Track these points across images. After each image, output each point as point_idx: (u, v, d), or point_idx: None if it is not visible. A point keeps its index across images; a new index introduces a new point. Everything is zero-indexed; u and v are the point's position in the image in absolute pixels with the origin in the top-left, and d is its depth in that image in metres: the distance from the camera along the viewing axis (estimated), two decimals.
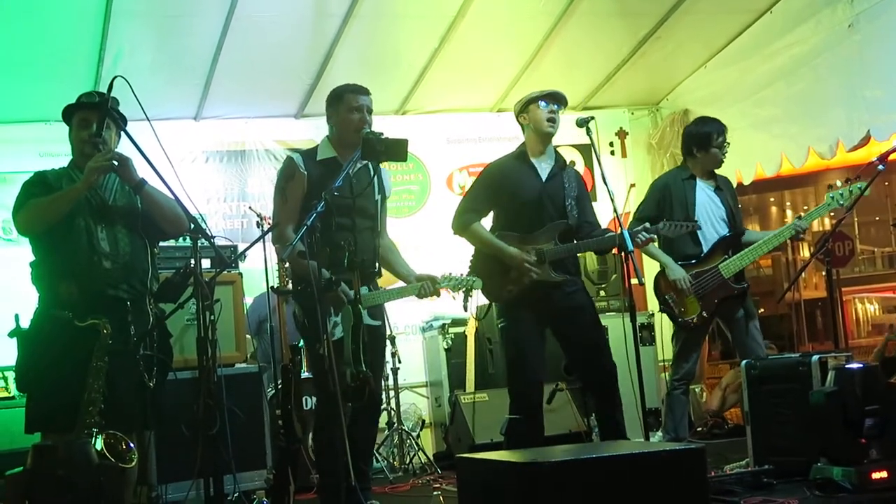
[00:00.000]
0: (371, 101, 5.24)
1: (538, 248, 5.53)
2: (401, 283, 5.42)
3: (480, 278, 5.43)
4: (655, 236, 5.68)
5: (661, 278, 6.38)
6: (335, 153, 5.19)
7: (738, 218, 6.52)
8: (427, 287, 5.18)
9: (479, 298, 7.12)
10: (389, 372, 7.50)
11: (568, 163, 5.85)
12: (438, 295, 5.32)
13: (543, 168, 5.68)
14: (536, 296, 5.52)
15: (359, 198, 5.10)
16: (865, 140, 7.09)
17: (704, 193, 6.46)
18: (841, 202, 6.09)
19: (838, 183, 6.18)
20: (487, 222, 5.83)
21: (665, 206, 6.41)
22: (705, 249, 6.36)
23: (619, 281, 8.18)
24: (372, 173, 5.20)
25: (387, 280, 5.56)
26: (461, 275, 5.36)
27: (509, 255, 5.52)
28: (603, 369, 5.54)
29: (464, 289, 5.30)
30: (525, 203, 5.63)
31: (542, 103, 5.67)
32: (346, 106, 5.18)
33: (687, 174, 6.55)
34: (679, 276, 6.23)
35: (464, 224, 5.70)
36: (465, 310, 5.54)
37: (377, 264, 5.29)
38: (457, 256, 6.07)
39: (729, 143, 6.57)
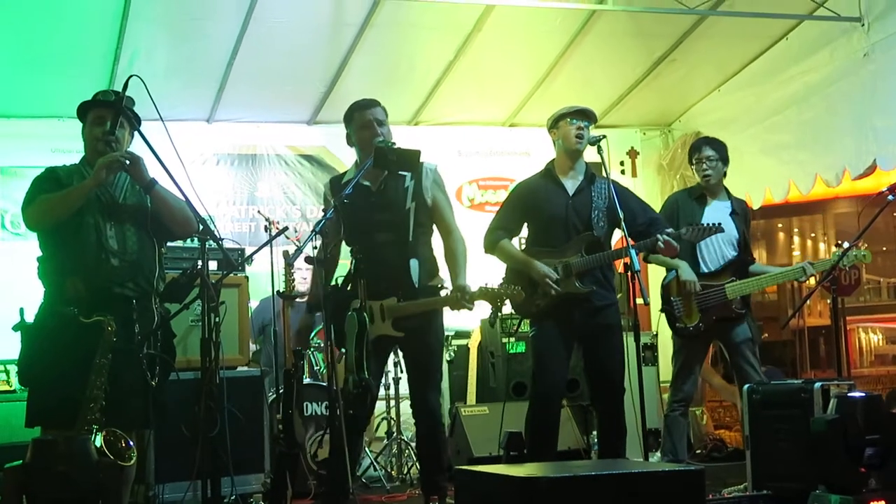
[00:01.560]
0: (381, 110, 5.24)
1: (565, 262, 5.58)
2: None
3: (510, 299, 5.42)
4: (676, 243, 5.66)
5: (674, 281, 6.42)
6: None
7: (748, 244, 6.54)
8: (458, 298, 5.07)
9: (482, 311, 7.13)
10: (391, 381, 7.50)
11: (601, 174, 5.79)
12: (471, 308, 5.20)
13: (570, 184, 5.74)
14: (564, 309, 5.58)
15: (381, 212, 5.11)
16: (871, 169, 7.11)
17: (715, 213, 6.44)
18: (844, 264, 6.13)
19: (846, 244, 6.16)
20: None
21: (673, 221, 6.40)
22: (703, 269, 6.40)
23: (625, 300, 8.15)
24: (406, 182, 5.19)
25: None
26: (498, 286, 5.25)
27: (535, 269, 5.56)
28: (611, 396, 5.60)
29: (500, 301, 5.19)
30: (552, 219, 5.70)
31: (572, 120, 5.70)
32: (357, 124, 5.21)
33: (697, 193, 6.60)
34: (691, 279, 6.25)
35: (493, 242, 5.77)
36: (492, 325, 5.51)
37: (415, 274, 5.16)
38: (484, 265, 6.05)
39: (712, 160, 6.51)
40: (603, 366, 5.63)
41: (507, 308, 5.58)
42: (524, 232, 5.97)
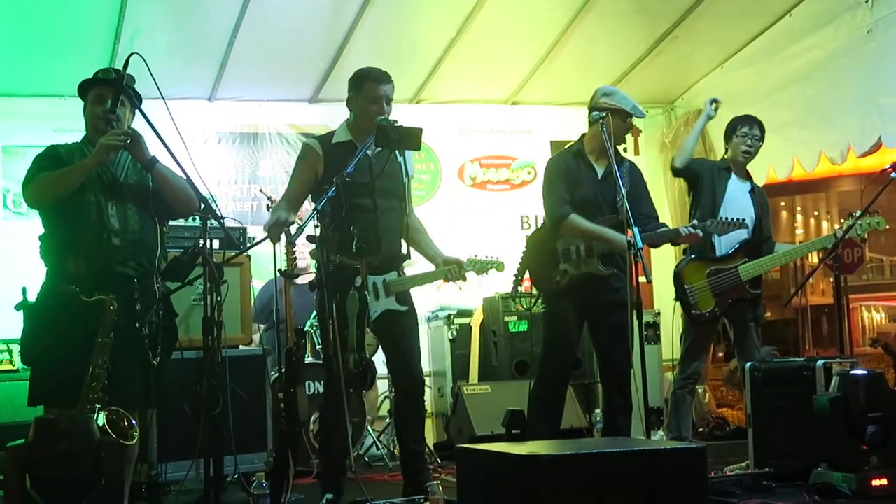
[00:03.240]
0: (392, 88, 5.22)
1: (587, 244, 5.64)
2: (427, 267, 5.43)
3: (530, 269, 5.69)
4: (701, 233, 5.76)
5: (685, 269, 6.40)
6: (351, 137, 5.20)
7: (764, 226, 6.50)
8: (454, 271, 5.19)
9: (485, 290, 7.14)
10: None
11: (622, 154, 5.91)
12: (465, 279, 5.33)
13: (600, 165, 5.79)
14: (583, 288, 5.64)
15: (381, 179, 5.12)
16: (876, 146, 7.09)
17: (738, 189, 6.49)
18: (859, 233, 6.12)
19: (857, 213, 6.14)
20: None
21: (696, 182, 6.51)
22: (717, 249, 6.38)
23: (627, 278, 8.16)
24: (399, 155, 5.22)
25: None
26: (487, 257, 5.39)
27: (616, 239, 5.54)
28: (617, 370, 5.66)
29: (487, 272, 5.35)
30: (582, 200, 5.73)
31: (623, 121, 5.72)
32: (366, 94, 5.17)
33: (725, 165, 6.60)
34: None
35: (563, 215, 5.69)
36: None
37: (406, 247, 5.29)
38: (466, 246, 6.10)
39: (757, 140, 6.53)
40: (609, 336, 5.67)
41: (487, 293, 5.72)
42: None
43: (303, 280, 6.24)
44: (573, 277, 5.62)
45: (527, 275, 5.99)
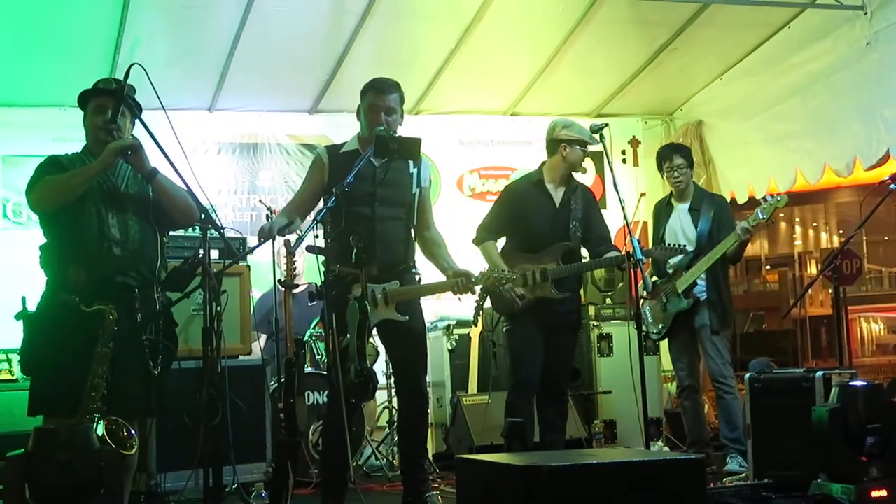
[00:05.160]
0: (397, 99, 5.26)
1: (543, 268, 5.88)
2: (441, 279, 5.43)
3: (490, 295, 5.87)
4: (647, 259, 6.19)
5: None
6: (358, 146, 5.23)
7: (720, 235, 6.52)
8: (462, 283, 5.19)
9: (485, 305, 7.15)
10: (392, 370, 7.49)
11: (580, 181, 6.27)
12: (474, 292, 5.41)
13: (558, 194, 6.06)
14: (539, 310, 5.89)
15: (382, 187, 5.14)
16: (884, 159, 7.06)
17: (677, 217, 6.76)
18: (762, 216, 6.27)
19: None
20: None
21: (656, 227, 6.90)
22: (670, 269, 6.64)
23: (626, 289, 8.18)
24: (412, 166, 5.27)
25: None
26: (500, 271, 5.37)
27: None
28: (557, 389, 6.05)
29: (499, 285, 5.36)
30: (536, 228, 6.03)
31: (583, 150, 6.02)
32: (367, 105, 5.23)
33: (666, 200, 6.91)
34: (647, 284, 6.12)
35: (479, 240, 6.13)
36: (475, 323, 6.47)
37: (412, 258, 5.33)
38: (464, 258, 6.10)
39: (681, 168, 6.70)
40: (556, 358, 5.98)
41: (487, 304, 6.09)
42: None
43: (303, 289, 6.25)
44: (529, 301, 5.83)
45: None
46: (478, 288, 5.44)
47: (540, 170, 6.12)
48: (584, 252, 6.16)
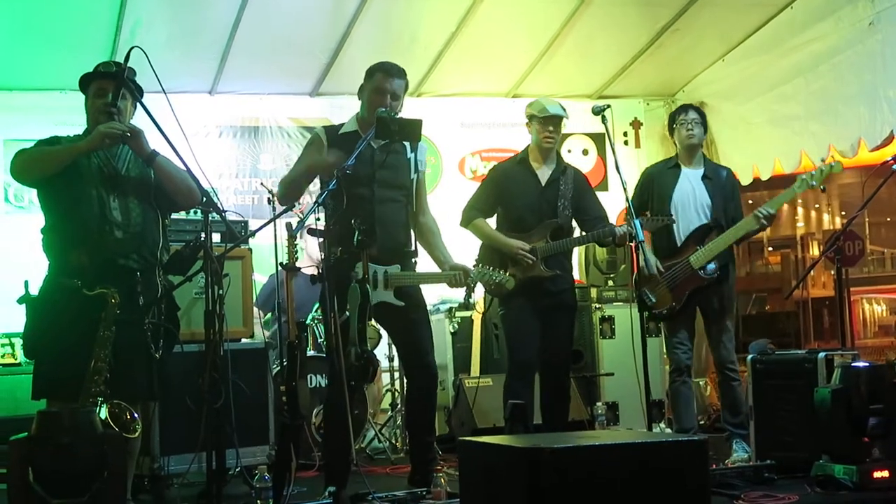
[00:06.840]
0: (403, 85, 5.25)
1: (532, 246, 5.92)
2: (435, 268, 5.46)
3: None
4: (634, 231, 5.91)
5: (639, 273, 6.35)
6: (357, 128, 5.22)
7: (728, 209, 6.45)
8: (458, 277, 5.23)
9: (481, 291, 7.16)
10: (395, 353, 7.50)
11: (570, 164, 6.31)
12: (469, 287, 5.38)
13: (544, 173, 6.10)
14: (530, 289, 5.89)
15: (382, 169, 5.14)
16: (888, 140, 7.04)
17: (688, 181, 6.47)
18: (812, 183, 6.10)
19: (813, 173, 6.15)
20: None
21: (646, 196, 6.55)
22: (679, 241, 6.38)
23: (628, 271, 8.18)
24: (410, 150, 5.28)
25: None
26: (496, 270, 5.39)
27: (508, 244, 5.95)
28: (558, 369, 6.08)
29: (494, 284, 5.40)
30: (523, 206, 6.07)
31: (543, 123, 6.02)
32: (373, 86, 5.20)
33: (673, 163, 6.62)
34: (650, 270, 6.08)
35: (468, 219, 6.16)
36: (466, 307, 6.48)
37: (412, 242, 5.35)
38: (465, 240, 6.13)
39: (696, 123, 6.53)
40: (553, 339, 5.98)
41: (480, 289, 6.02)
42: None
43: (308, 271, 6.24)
44: (520, 281, 5.79)
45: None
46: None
47: (525, 150, 6.18)
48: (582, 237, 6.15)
